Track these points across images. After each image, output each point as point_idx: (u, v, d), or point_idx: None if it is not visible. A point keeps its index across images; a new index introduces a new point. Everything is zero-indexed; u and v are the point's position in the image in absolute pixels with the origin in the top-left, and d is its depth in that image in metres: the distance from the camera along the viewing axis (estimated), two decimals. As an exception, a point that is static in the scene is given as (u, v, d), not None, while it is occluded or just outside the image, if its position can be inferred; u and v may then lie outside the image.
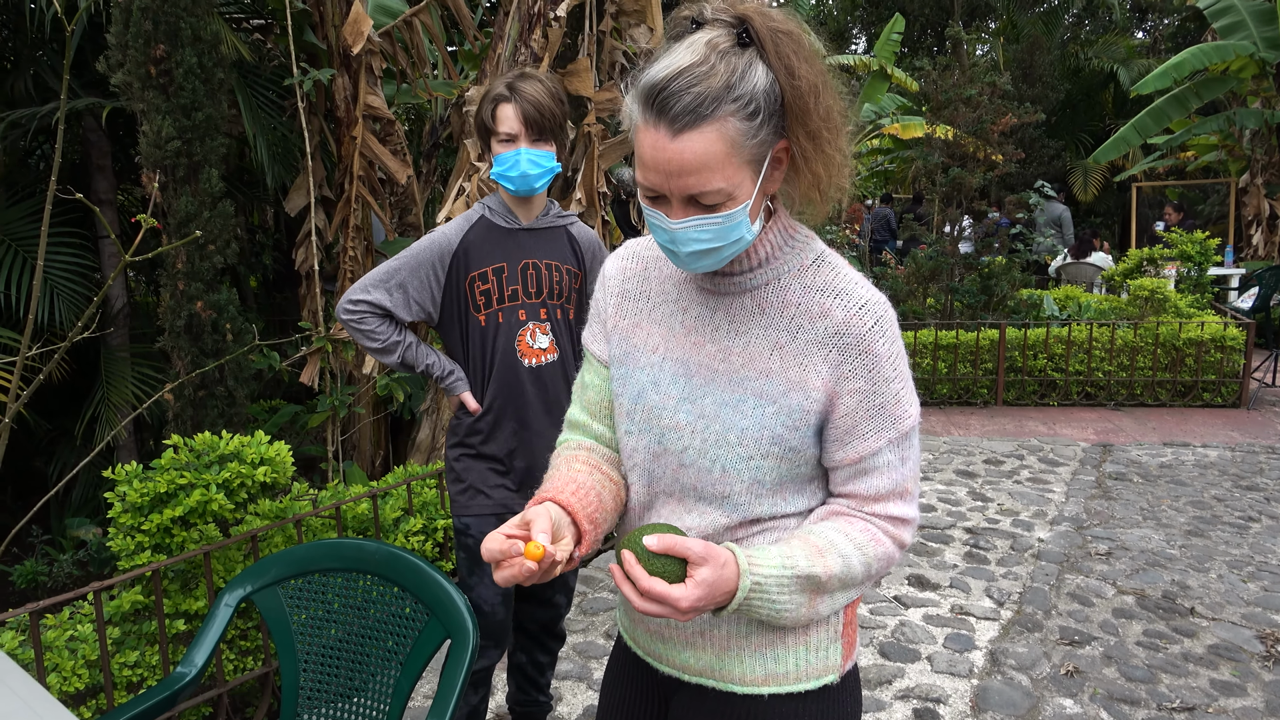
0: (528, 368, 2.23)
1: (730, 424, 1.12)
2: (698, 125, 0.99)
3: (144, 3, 3.30)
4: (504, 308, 2.22)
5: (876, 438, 1.11)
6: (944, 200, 8.65)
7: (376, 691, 1.76)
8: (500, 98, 2.14)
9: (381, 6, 5.37)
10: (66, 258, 4.42)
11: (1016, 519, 4.55)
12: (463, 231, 2.21)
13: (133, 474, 2.78)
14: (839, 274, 1.14)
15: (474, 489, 2.27)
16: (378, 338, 2.21)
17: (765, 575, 1.06)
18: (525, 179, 2.14)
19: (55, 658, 2.52)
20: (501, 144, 2.13)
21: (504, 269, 2.21)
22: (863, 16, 22.61)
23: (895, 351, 1.12)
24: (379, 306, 2.19)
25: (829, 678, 1.19)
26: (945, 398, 7.31)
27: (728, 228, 1.05)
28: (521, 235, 2.24)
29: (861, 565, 1.12)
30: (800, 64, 1.03)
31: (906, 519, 1.15)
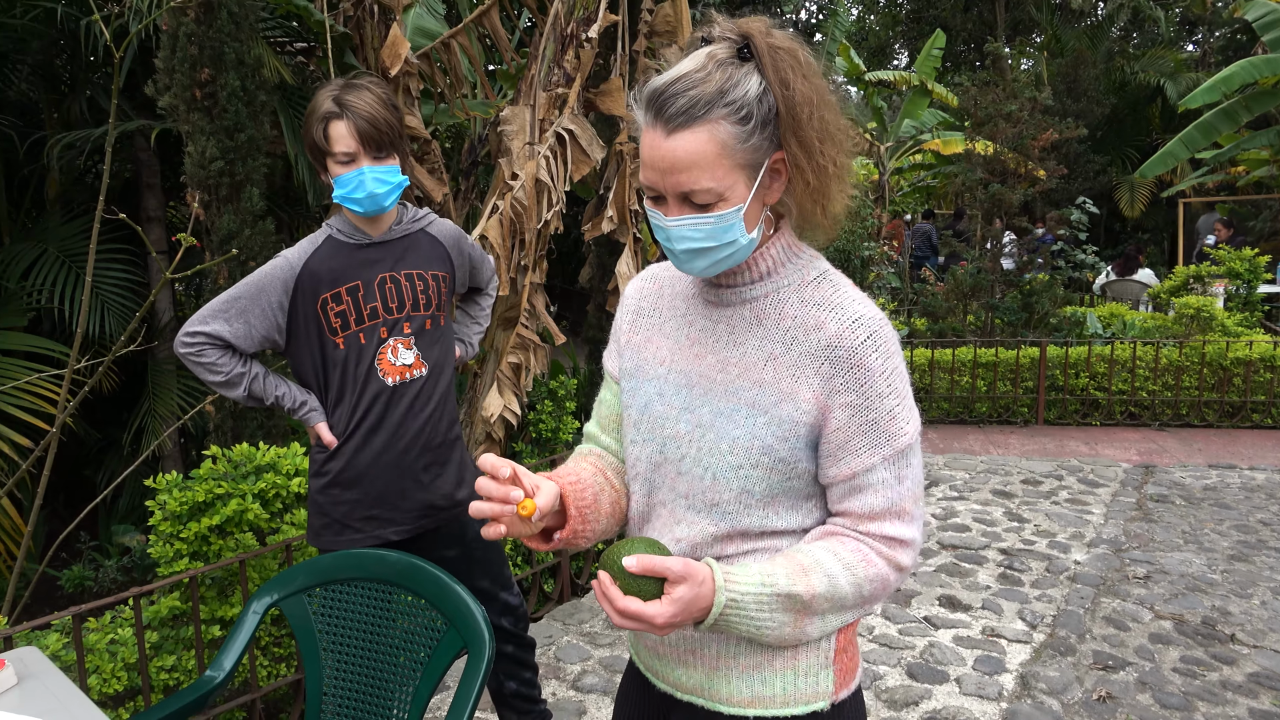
0: (391, 386, 2.13)
1: (723, 433, 1.15)
2: (690, 125, 1.05)
3: (190, 29, 3.42)
4: (363, 328, 2.10)
5: (870, 454, 1.11)
6: (984, 216, 8.58)
7: (398, 698, 1.80)
8: (330, 115, 1.99)
9: (420, 29, 5.49)
10: (117, 273, 4.57)
11: (1053, 540, 4.48)
12: (306, 255, 2.08)
13: (172, 483, 2.86)
14: (838, 290, 1.16)
15: (341, 524, 2.16)
16: (219, 370, 2.06)
17: (742, 593, 1.07)
18: (373, 199, 2.02)
19: (96, 660, 2.60)
20: (340, 165, 2.00)
21: (359, 288, 2.09)
22: (904, 32, 22.51)
23: (890, 368, 1.11)
24: (218, 338, 2.04)
25: (818, 704, 1.18)
26: (984, 416, 7.22)
27: (720, 228, 1.09)
28: (373, 250, 2.11)
29: (851, 587, 1.11)
30: (795, 78, 1.07)
31: (903, 540, 1.14)
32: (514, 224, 3.98)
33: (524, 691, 2.40)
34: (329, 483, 2.15)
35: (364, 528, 2.14)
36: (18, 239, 4.76)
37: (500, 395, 4.05)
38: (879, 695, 3.06)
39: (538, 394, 4.39)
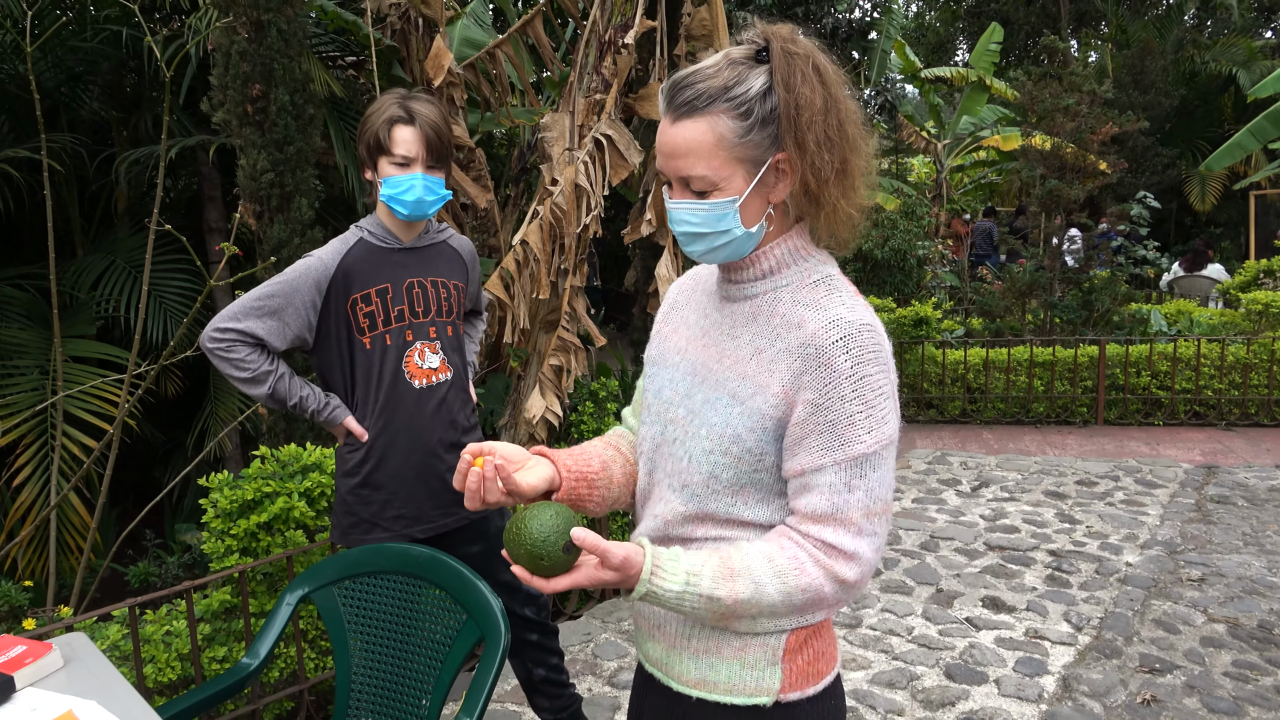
0: (418, 389, 2.19)
1: (704, 419, 1.19)
2: (692, 115, 1.12)
3: (241, 47, 3.57)
4: (390, 329, 2.15)
5: (821, 454, 1.11)
6: (1044, 213, 8.40)
7: (422, 685, 1.87)
8: (399, 119, 2.06)
9: (468, 39, 5.61)
10: (179, 283, 4.78)
11: (1105, 542, 4.39)
12: (340, 255, 2.13)
13: (223, 482, 3.00)
14: (831, 294, 1.17)
15: (369, 523, 2.21)
16: (247, 367, 2.07)
17: (664, 589, 1.11)
18: (420, 205, 2.09)
19: (152, 650, 2.73)
20: (395, 166, 2.07)
21: (388, 290, 2.15)
22: (965, 27, 22.13)
23: (860, 373, 1.10)
24: (250, 335, 2.07)
25: (761, 699, 1.19)
26: (1042, 417, 7.08)
27: (713, 215, 1.14)
28: (403, 255, 2.18)
29: (779, 595, 1.11)
30: (798, 80, 1.11)
31: (843, 550, 1.10)
32: (554, 229, 4.05)
33: (552, 677, 2.47)
34: (360, 483, 2.22)
35: (392, 526, 2.21)
36: (89, 251, 5.01)
37: (542, 397, 4.12)
38: (915, 695, 3.05)
39: (579, 395, 4.45)
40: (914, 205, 10.73)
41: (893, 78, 13.46)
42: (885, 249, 9.90)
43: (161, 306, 4.68)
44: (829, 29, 11.96)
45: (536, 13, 4.74)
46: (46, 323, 4.11)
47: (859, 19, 12.51)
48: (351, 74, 5.39)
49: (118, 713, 1.45)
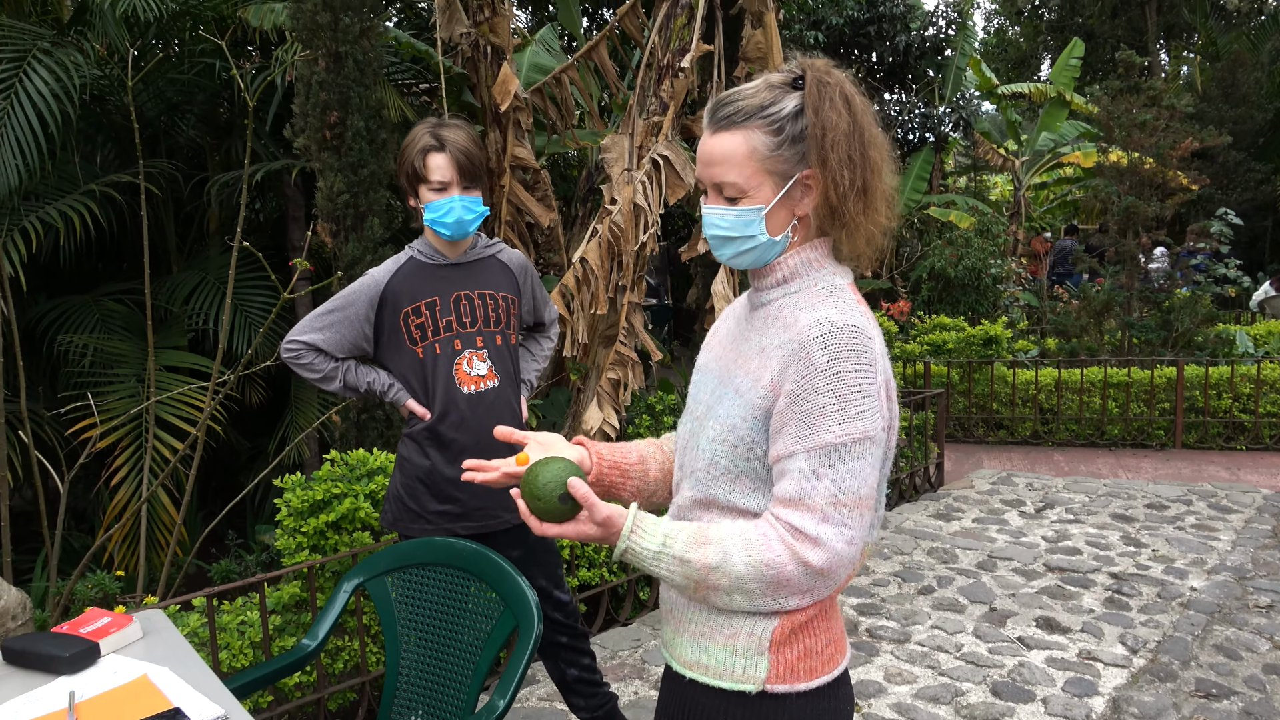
0: (467, 394, 2.34)
1: (714, 413, 1.30)
2: (730, 129, 1.25)
3: (321, 77, 3.81)
4: (439, 339, 2.32)
5: (793, 441, 1.18)
6: (1119, 230, 8.22)
7: (462, 669, 2.00)
8: (431, 147, 2.23)
9: (537, 65, 5.83)
10: (262, 298, 5.07)
11: (1170, 566, 4.29)
12: (390, 273, 2.33)
13: (296, 483, 3.20)
14: (829, 299, 1.26)
15: (416, 514, 2.37)
16: (316, 370, 2.34)
17: (642, 547, 1.21)
18: (461, 224, 2.26)
19: (227, 638, 2.93)
20: (434, 191, 2.24)
21: (436, 302, 2.31)
22: (1048, 42, 21.70)
23: (835, 369, 1.17)
24: (313, 345, 2.32)
25: (746, 686, 1.26)
26: (1117, 439, 6.91)
27: (741, 221, 1.26)
28: (450, 270, 2.35)
29: (744, 566, 1.18)
30: (826, 106, 1.24)
31: (808, 534, 1.16)
32: (612, 246, 4.19)
33: (585, 677, 2.57)
34: (415, 476, 2.39)
35: (437, 520, 2.37)
36: (182, 268, 5.36)
37: (600, 409, 4.25)
38: (959, 711, 3.05)
39: (636, 408, 4.57)
40: (989, 223, 10.59)
41: (968, 94, 13.30)
42: (959, 268, 9.79)
43: (246, 320, 4.98)
44: (901, 47, 11.93)
45: (601, 38, 4.91)
46: (143, 334, 4.42)
47: (932, 36, 12.43)
48: (425, 100, 5.65)
49: (187, 678, 1.61)
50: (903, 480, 5.52)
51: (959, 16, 12.81)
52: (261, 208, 6.45)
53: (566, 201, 7.82)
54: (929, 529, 4.95)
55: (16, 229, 4.28)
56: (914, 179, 12.26)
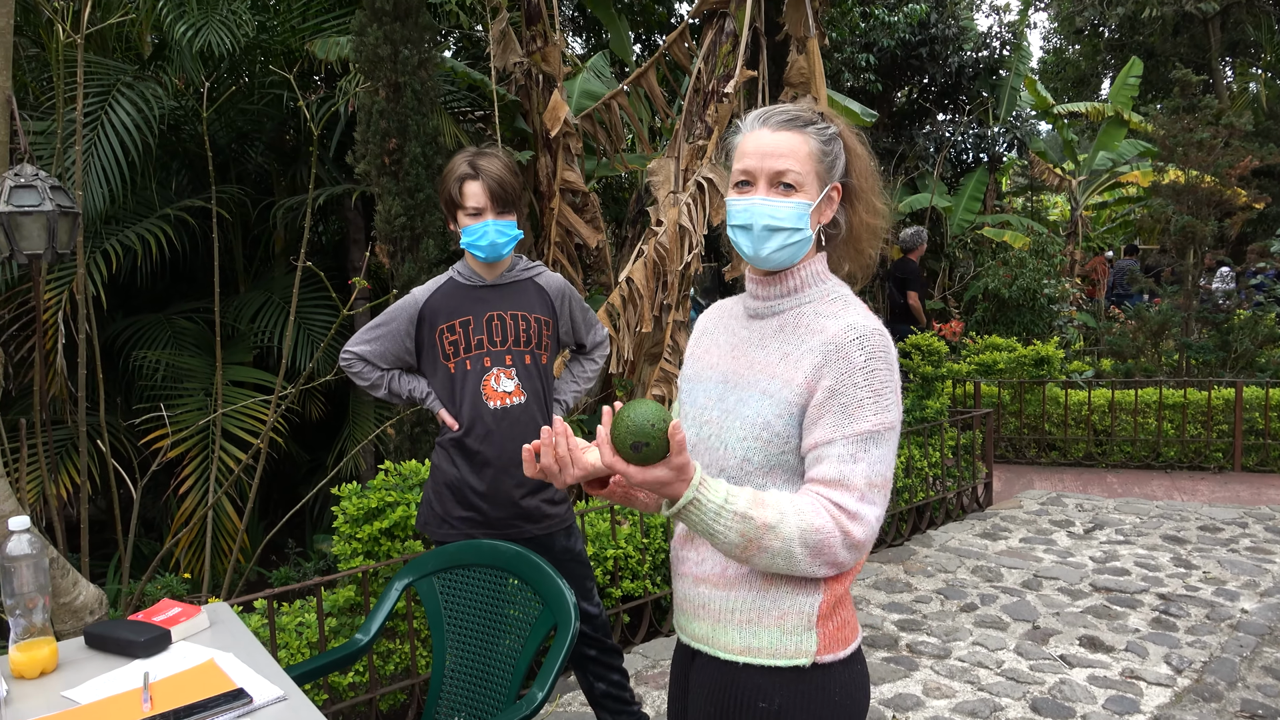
0: (493, 409, 2.45)
1: (738, 414, 1.41)
2: (791, 128, 1.41)
3: (381, 106, 4.01)
4: (470, 355, 2.45)
5: (832, 429, 1.31)
6: (1176, 250, 8.09)
7: (503, 666, 2.11)
8: (466, 175, 2.37)
9: (587, 92, 6.00)
10: (324, 316, 5.29)
11: (1221, 588, 4.22)
12: (429, 293, 2.49)
13: (352, 491, 3.36)
14: (848, 307, 1.41)
15: (441, 518, 2.50)
16: (365, 378, 2.54)
17: (707, 499, 1.25)
18: (494, 247, 2.40)
19: (286, 638, 3.08)
20: (469, 217, 2.38)
21: (470, 321, 2.45)
22: (1107, 61, 21.39)
23: (873, 368, 1.31)
24: (361, 356, 2.52)
25: (800, 660, 1.36)
26: (1173, 461, 6.78)
27: (794, 212, 1.40)
28: (485, 291, 2.48)
29: (796, 528, 1.27)
30: (854, 140, 1.48)
31: (851, 511, 1.28)
32: (657, 266, 4.31)
33: (614, 693, 2.63)
34: (443, 483, 2.53)
35: (460, 526, 2.50)
36: (250, 288, 5.61)
37: (645, 425, 4.35)
38: (997, 726, 3.07)
39: (681, 425, 4.65)
40: (1045, 243, 10.47)
41: (1024, 114, 13.19)
42: (1013, 288, 9.70)
43: (309, 337, 5.20)
44: (954, 68, 11.91)
45: (650, 65, 5.06)
46: (212, 351, 4.66)
47: (986, 57, 12.39)
48: (480, 126, 5.85)
49: (250, 663, 1.75)
50: (949, 500, 5.51)
51: (1013, 37, 12.73)
52: (324, 230, 6.72)
53: (619, 223, 7.97)
54: (974, 548, 4.94)
55: (99, 251, 4.55)
56: (968, 199, 12.19)
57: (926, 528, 5.30)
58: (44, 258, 2.38)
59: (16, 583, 1.68)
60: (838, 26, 10.40)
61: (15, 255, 2.33)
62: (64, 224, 2.39)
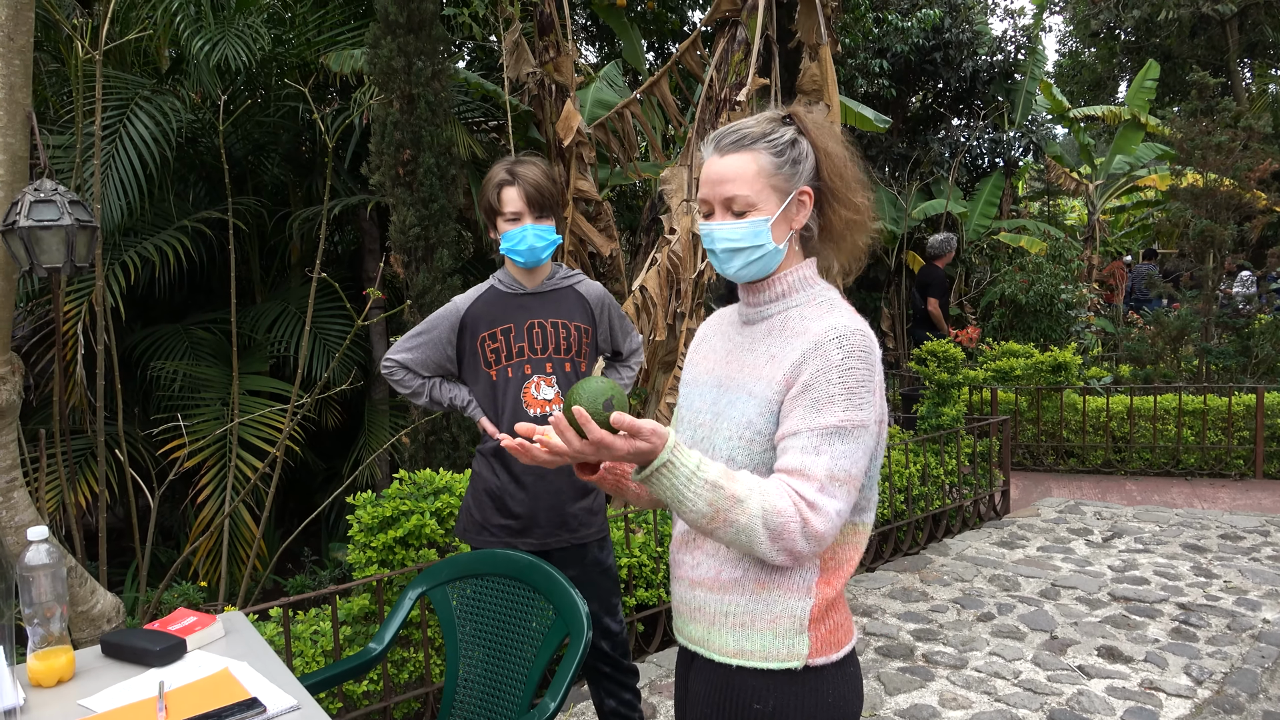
0: (533, 417, 2.45)
1: (726, 415, 1.43)
2: (739, 149, 1.41)
3: (395, 117, 4.04)
4: (511, 363, 2.47)
5: (799, 421, 1.32)
6: (1196, 254, 8.02)
7: (516, 675, 2.11)
8: (504, 182, 2.40)
9: (600, 101, 6.02)
10: (340, 326, 5.33)
11: (1242, 598, 4.18)
12: (470, 300, 2.50)
13: (367, 500, 3.37)
14: (833, 309, 1.42)
15: (481, 526, 2.51)
16: (407, 386, 2.54)
17: (680, 462, 1.27)
18: (533, 251, 2.40)
19: (301, 646, 3.10)
20: (508, 222, 2.40)
21: (511, 329, 2.47)
22: (1123, 64, 21.26)
23: (849, 366, 1.32)
24: (403, 364, 2.53)
25: (793, 663, 1.38)
26: (1193, 468, 6.71)
27: (750, 231, 1.41)
28: (527, 299, 2.49)
29: (760, 506, 1.27)
30: (824, 136, 1.44)
31: (809, 500, 1.28)
32: (670, 275, 4.31)
33: (623, 712, 2.61)
34: (483, 490, 2.54)
35: (499, 534, 2.50)
36: (266, 299, 5.66)
37: (658, 433, 4.35)
38: (1014, 736, 3.04)
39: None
40: (1062, 248, 10.41)
41: (1040, 118, 13.12)
42: (1030, 294, 9.65)
43: (325, 347, 5.23)
44: (968, 73, 11.87)
45: (662, 74, 5.07)
46: (228, 361, 4.70)
47: (1001, 61, 12.34)
48: (493, 136, 5.88)
49: (264, 672, 1.76)
50: (966, 508, 5.48)
51: (1028, 41, 12.68)
52: (340, 241, 6.77)
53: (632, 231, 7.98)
54: (991, 556, 4.90)
55: (117, 263, 4.61)
56: (983, 204, 12.13)
57: (943, 536, 5.27)
58: (63, 271, 2.41)
59: (35, 592, 1.70)
60: (851, 33, 10.39)
61: (35, 269, 2.36)
62: (82, 238, 2.42)
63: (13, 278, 2.55)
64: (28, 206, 2.30)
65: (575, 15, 9.10)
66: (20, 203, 2.32)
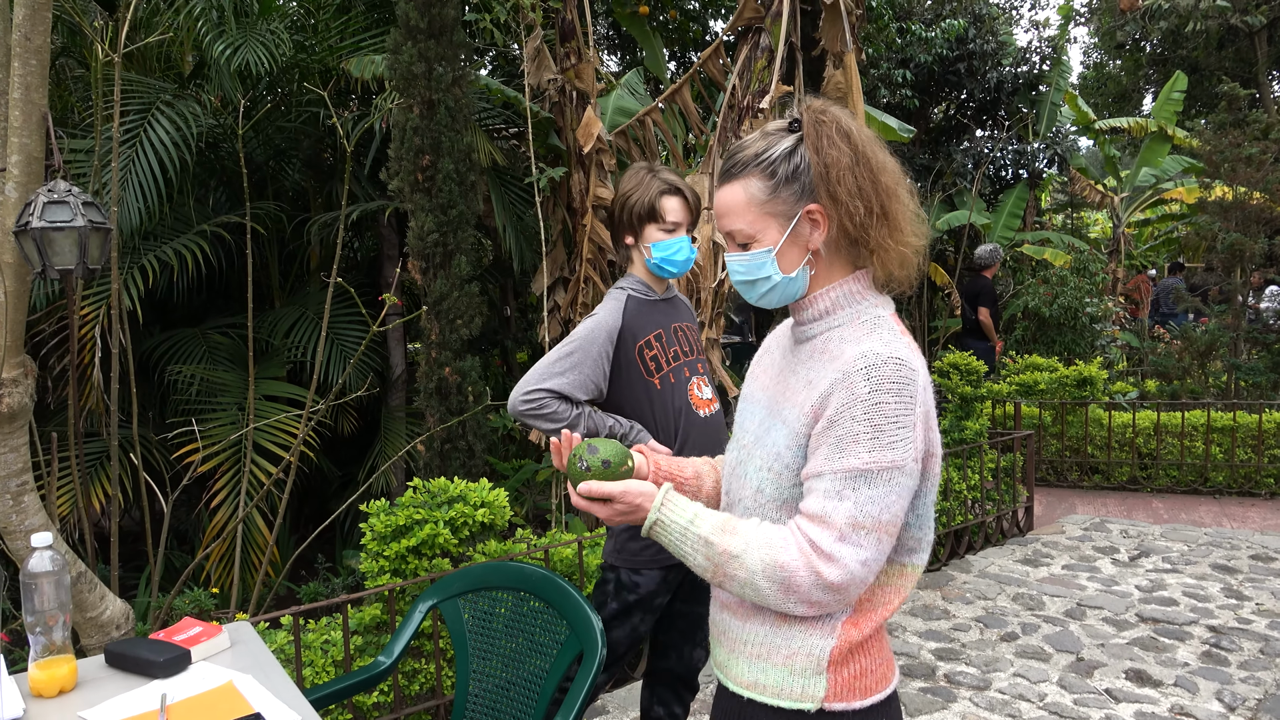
0: (702, 418, 2.43)
1: (763, 442, 1.35)
2: (730, 181, 1.33)
3: (415, 123, 4.02)
4: (673, 368, 2.42)
5: (824, 462, 1.22)
6: (1225, 269, 7.89)
7: (527, 692, 2.05)
8: (669, 190, 2.36)
9: (621, 109, 5.99)
10: (358, 332, 5.31)
11: (1275, 620, 4.06)
12: (620, 312, 2.39)
13: (381, 508, 3.33)
14: (874, 331, 1.29)
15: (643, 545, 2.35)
16: (560, 419, 2.28)
17: (671, 520, 1.29)
18: (686, 264, 2.41)
19: (311, 655, 3.06)
20: (664, 232, 2.35)
21: (662, 334, 2.42)
22: (1150, 76, 21.05)
23: (876, 400, 1.20)
24: (556, 392, 2.29)
25: (806, 704, 1.28)
26: (1221, 487, 6.57)
27: (753, 265, 1.33)
28: (663, 304, 2.47)
29: (760, 562, 1.22)
30: (825, 144, 1.28)
31: (824, 550, 1.20)
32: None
33: None
34: None
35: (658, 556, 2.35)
36: (284, 304, 5.65)
37: (676, 444, 4.29)
38: (1039, 762, 2.95)
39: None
40: (1086, 261, 10.28)
41: (1064, 130, 12.99)
42: (1054, 306, 9.53)
43: (341, 353, 5.21)
44: (992, 84, 11.77)
45: (684, 81, 5.03)
46: (245, 366, 4.68)
47: (1025, 72, 12.23)
48: (513, 143, 5.86)
49: (270, 687, 1.71)
50: (989, 524, 5.38)
51: (1053, 52, 12.57)
52: (359, 247, 6.76)
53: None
54: (1015, 574, 4.80)
55: (136, 267, 4.60)
56: (1007, 216, 12.02)
57: (965, 552, 5.17)
58: (75, 273, 2.39)
59: (38, 600, 1.66)
60: (874, 42, 10.33)
61: (47, 270, 2.33)
62: (95, 240, 2.40)
63: (26, 280, 2.53)
64: (41, 208, 2.27)
65: (597, 24, 9.09)
66: (34, 204, 2.30)
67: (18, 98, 2.36)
